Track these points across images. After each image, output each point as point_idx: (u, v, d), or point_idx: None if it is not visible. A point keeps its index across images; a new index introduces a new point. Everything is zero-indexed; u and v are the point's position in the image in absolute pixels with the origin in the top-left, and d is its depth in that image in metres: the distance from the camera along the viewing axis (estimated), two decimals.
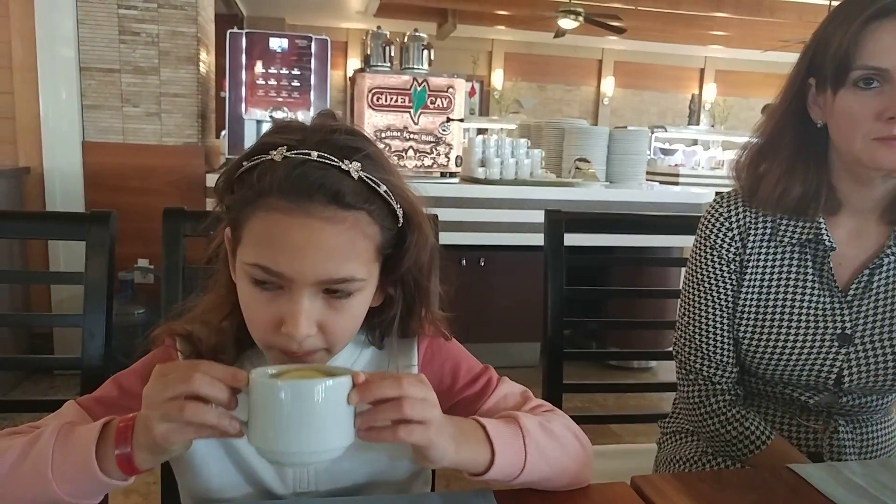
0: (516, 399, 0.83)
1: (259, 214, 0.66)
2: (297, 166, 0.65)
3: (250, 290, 0.68)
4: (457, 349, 0.85)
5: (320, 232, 0.65)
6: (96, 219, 1.12)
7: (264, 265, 0.66)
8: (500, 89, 9.70)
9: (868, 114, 0.90)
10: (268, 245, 0.66)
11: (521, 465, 0.70)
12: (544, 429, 0.74)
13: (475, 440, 0.68)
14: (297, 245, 0.65)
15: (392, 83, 3.17)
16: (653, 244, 3.18)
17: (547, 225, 1.36)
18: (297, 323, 0.65)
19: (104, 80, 2.98)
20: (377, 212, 0.69)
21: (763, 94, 9.94)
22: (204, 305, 0.77)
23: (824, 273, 1.02)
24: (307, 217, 0.65)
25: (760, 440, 1.03)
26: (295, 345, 0.67)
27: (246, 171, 0.68)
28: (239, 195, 0.68)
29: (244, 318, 0.72)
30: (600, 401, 2.99)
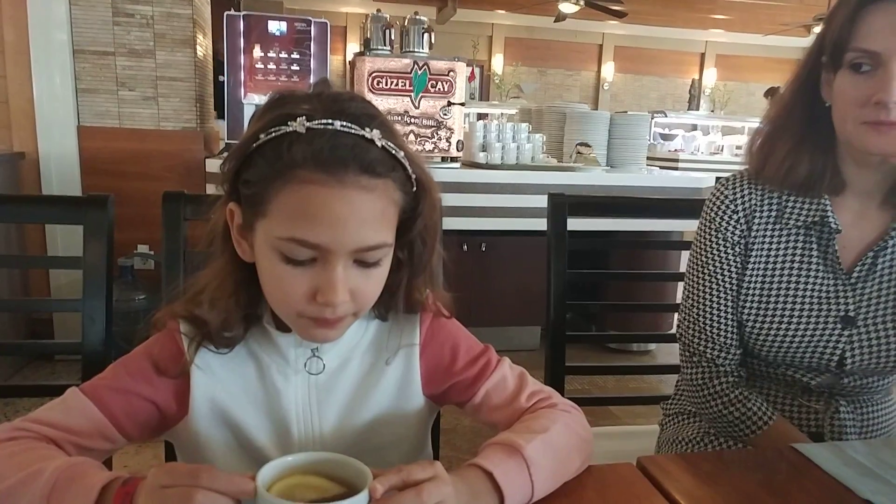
0: (514, 382, 0.83)
1: (291, 188, 0.65)
2: (325, 137, 0.65)
3: (279, 264, 0.67)
4: (457, 329, 0.85)
5: (357, 202, 0.65)
6: (94, 202, 1.11)
7: (301, 238, 0.65)
8: (501, 74, 9.65)
9: (859, 97, 0.90)
10: (304, 218, 0.65)
11: (528, 495, 0.69)
12: (547, 446, 0.72)
13: (486, 494, 0.67)
14: (337, 216, 0.65)
15: (392, 67, 3.14)
16: (653, 229, 3.18)
17: (550, 208, 1.36)
18: (336, 292, 0.66)
19: (98, 64, 2.94)
20: (399, 178, 0.69)
21: (763, 79, 9.91)
22: (205, 285, 0.75)
23: (829, 255, 1.01)
24: (344, 188, 0.65)
25: (763, 421, 1.03)
26: (330, 312, 0.67)
27: (266, 144, 0.66)
28: (263, 168, 0.66)
29: (265, 293, 0.71)
30: (600, 383, 3.00)
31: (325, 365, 0.77)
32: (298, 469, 0.59)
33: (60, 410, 0.71)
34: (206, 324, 0.73)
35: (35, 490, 0.59)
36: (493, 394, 0.82)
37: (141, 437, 0.76)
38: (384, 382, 0.79)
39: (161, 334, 0.76)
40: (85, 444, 0.70)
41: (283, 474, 0.58)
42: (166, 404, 0.75)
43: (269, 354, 0.77)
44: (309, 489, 0.58)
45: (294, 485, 0.58)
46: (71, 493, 0.58)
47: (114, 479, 0.60)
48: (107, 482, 0.59)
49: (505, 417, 0.80)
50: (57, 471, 0.60)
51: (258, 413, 0.76)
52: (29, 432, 0.68)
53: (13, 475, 0.60)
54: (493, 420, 0.82)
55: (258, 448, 0.76)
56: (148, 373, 0.74)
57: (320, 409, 0.77)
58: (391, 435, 0.80)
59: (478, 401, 0.82)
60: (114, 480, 0.59)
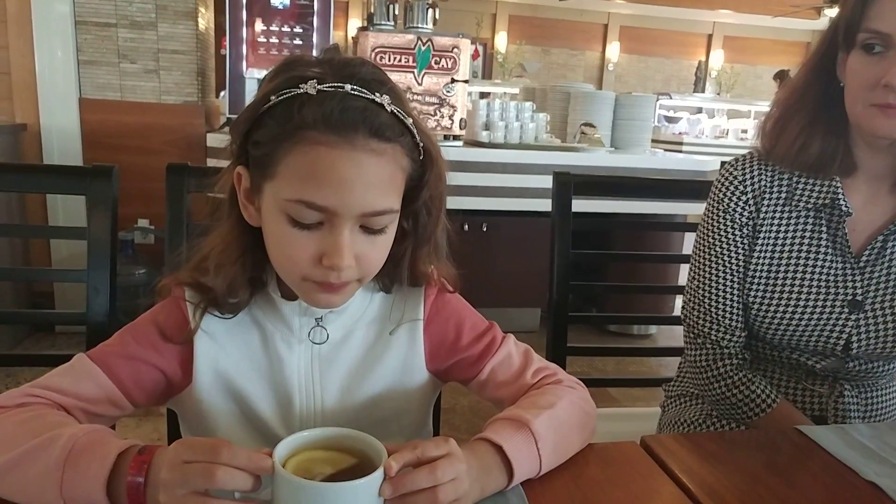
0: (520, 359, 0.83)
1: (300, 149, 0.65)
2: (335, 99, 0.64)
3: (286, 227, 0.67)
4: (462, 305, 0.85)
5: (366, 165, 0.65)
6: (98, 173, 1.10)
7: (308, 200, 0.65)
8: (504, 52, 9.56)
9: (869, 79, 0.90)
10: (312, 179, 0.65)
11: (536, 469, 0.70)
12: (553, 421, 0.73)
13: (496, 469, 0.67)
14: (344, 178, 0.65)
15: (396, 42, 3.10)
16: (656, 211, 3.17)
17: (555, 187, 1.35)
18: (342, 255, 0.66)
19: (100, 35, 2.91)
20: (407, 144, 0.69)
21: (771, 62, 9.82)
22: (210, 250, 0.75)
23: (838, 238, 1.01)
24: (353, 150, 0.65)
25: (766, 403, 1.03)
26: (335, 276, 0.67)
27: (277, 106, 0.66)
28: (273, 129, 0.66)
29: (271, 257, 0.71)
30: (599, 366, 3.01)
31: (328, 335, 0.77)
32: (314, 444, 0.60)
33: (69, 376, 0.71)
34: (211, 290, 0.73)
35: (51, 456, 0.59)
36: (499, 370, 0.82)
37: (147, 403, 0.76)
38: (387, 356, 0.79)
39: (166, 301, 0.76)
40: (93, 410, 0.71)
41: (298, 449, 0.59)
42: (172, 371, 0.75)
43: (274, 323, 0.77)
44: (324, 463, 0.58)
45: (310, 459, 0.58)
46: (86, 459, 0.58)
47: (129, 446, 0.60)
48: (123, 449, 0.59)
49: (510, 394, 0.80)
50: (73, 438, 0.60)
51: (261, 381, 0.77)
52: (39, 398, 0.68)
53: (27, 441, 0.60)
54: (499, 396, 0.82)
55: (260, 417, 0.77)
56: (154, 339, 0.74)
57: (322, 379, 0.78)
58: (393, 409, 0.80)
59: (483, 377, 0.82)
60: (129, 448, 0.60)
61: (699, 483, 0.71)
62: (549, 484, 0.70)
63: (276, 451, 0.56)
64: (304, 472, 0.56)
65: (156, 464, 0.57)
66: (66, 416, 0.67)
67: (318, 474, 0.56)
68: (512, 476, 0.67)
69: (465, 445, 0.68)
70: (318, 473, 0.57)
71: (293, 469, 0.56)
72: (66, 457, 0.58)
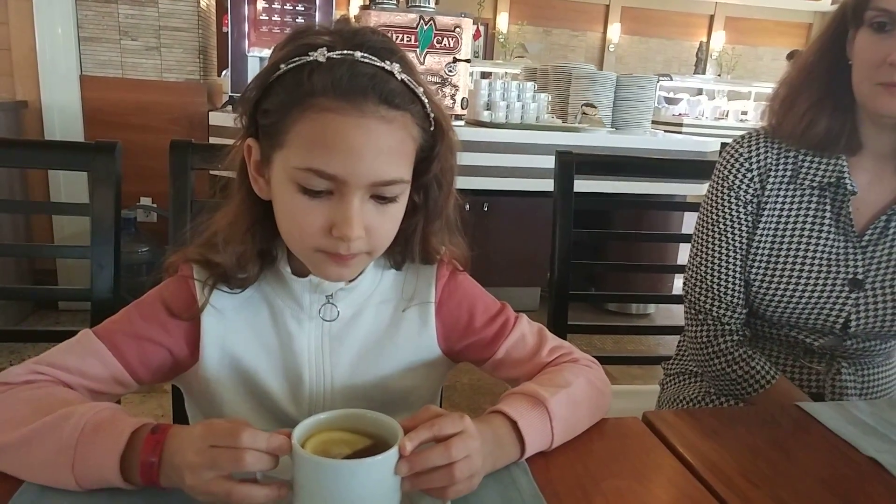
0: (534, 339, 0.83)
1: (309, 116, 0.64)
2: (344, 66, 0.64)
3: (296, 196, 0.66)
4: (473, 287, 0.85)
5: (375, 132, 0.65)
6: (101, 149, 1.10)
7: (317, 168, 0.64)
8: (505, 33, 9.48)
9: (875, 57, 0.90)
10: (321, 147, 0.64)
11: (547, 445, 0.71)
12: (569, 400, 0.73)
13: (509, 443, 0.68)
14: (353, 146, 0.64)
15: (398, 21, 3.08)
16: (656, 192, 3.17)
17: (557, 166, 1.35)
18: (351, 225, 0.65)
19: (101, 11, 2.88)
20: (418, 113, 0.69)
21: (773, 44, 9.76)
22: (218, 227, 0.74)
23: (842, 217, 1.01)
24: (362, 117, 0.64)
25: (765, 380, 1.04)
26: (344, 248, 0.67)
27: (286, 74, 0.66)
28: (282, 97, 0.66)
29: (281, 229, 0.71)
30: (598, 344, 3.03)
31: (339, 312, 0.77)
32: (332, 425, 0.60)
33: (75, 353, 0.71)
34: (220, 265, 0.72)
35: (63, 435, 0.58)
36: (514, 351, 0.82)
37: (153, 381, 0.76)
38: (399, 337, 0.79)
39: (173, 279, 0.76)
40: (98, 388, 0.71)
41: (316, 430, 0.59)
42: (179, 349, 0.75)
43: (283, 299, 0.76)
44: (342, 444, 0.59)
45: (328, 440, 0.59)
46: (101, 438, 0.58)
47: (142, 425, 0.60)
48: (136, 428, 0.59)
49: (526, 372, 0.81)
50: (84, 416, 0.60)
51: (270, 359, 0.76)
52: (45, 376, 0.68)
53: (37, 419, 0.60)
54: (514, 375, 0.82)
55: (269, 394, 0.77)
56: (161, 317, 0.74)
57: (333, 356, 0.77)
58: (403, 388, 0.80)
59: (499, 357, 0.82)
60: (142, 427, 0.59)
61: (700, 457, 0.73)
62: (553, 459, 0.71)
63: (295, 431, 0.57)
64: (322, 453, 0.57)
65: (171, 445, 0.57)
66: (74, 393, 0.67)
67: (336, 454, 0.57)
68: (524, 451, 0.68)
69: (480, 418, 0.69)
70: (337, 454, 0.57)
71: (311, 449, 0.57)
72: (79, 435, 0.58)
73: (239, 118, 0.73)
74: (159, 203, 3.00)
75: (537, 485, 0.65)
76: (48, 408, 0.61)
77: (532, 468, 0.68)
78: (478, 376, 2.70)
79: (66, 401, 0.64)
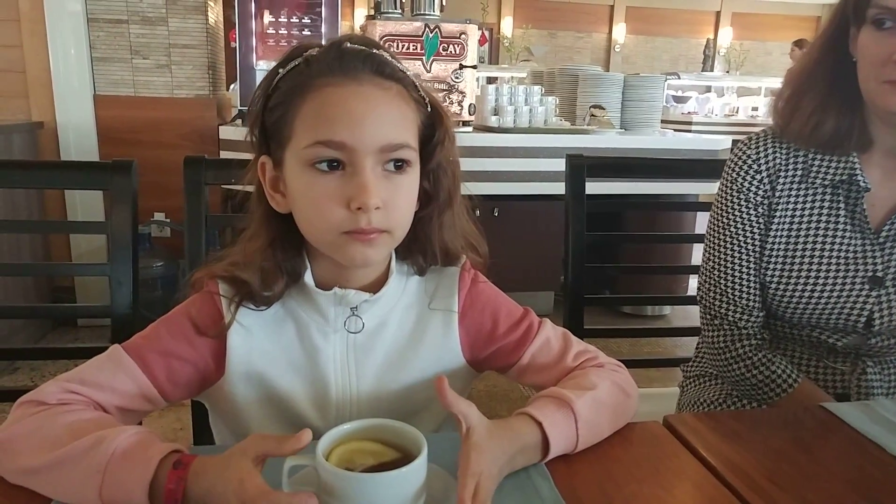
0: (559, 343, 0.83)
1: (311, 96, 0.68)
2: (336, 50, 0.69)
3: (311, 179, 0.69)
4: (496, 293, 0.86)
5: (374, 99, 0.69)
6: (118, 168, 1.12)
7: (325, 139, 0.67)
8: (510, 37, 9.49)
9: (880, 54, 0.89)
10: (325, 119, 0.68)
11: (572, 447, 0.71)
12: (595, 403, 0.74)
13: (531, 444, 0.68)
14: (355, 112, 0.68)
15: (404, 30, 3.09)
16: (667, 192, 3.15)
17: (568, 170, 1.35)
18: (368, 191, 0.67)
19: (112, 32, 2.93)
20: (411, 86, 0.73)
21: (782, 38, 9.68)
22: (242, 245, 0.76)
23: (857, 215, 1.00)
24: (359, 85, 0.68)
25: (787, 383, 1.03)
26: (364, 220, 0.68)
27: (285, 75, 0.71)
28: (283, 91, 0.70)
29: (304, 229, 0.73)
30: (614, 347, 3.01)
31: (364, 324, 0.77)
32: (356, 435, 0.61)
33: (105, 370, 0.72)
34: (246, 283, 0.73)
35: (93, 460, 0.59)
36: (539, 356, 0.82)
37: (180, 398, 0.77)
38: (423, 347, 0.80)
39: (200, 295, 0.77)
40: (128, 405, 0.72)
41: (341, 440, 0.60)
42: (205, 364, 0.76)
43: (308, 313, 0.77)
44: (367, 454, 0.59)
45: (354, 450, 0.60)
46: (128, 464, 0.59)
47: (169, 452, 0.60)
48: (164, 455, 0.59)
49: (552, 378, 0.81)
50: (115, 441, 0.60)
51: (296, 373, 0.77)
52: (78, 395, 0.69)
53: (70, 442, 0.61)
54: (540, 381, 0.82)
55: (295, 408, 0.77)
56: (188, 333, 0.75)
57: (358, 368, 0.78)
58: (427, 399, 0.80)
59: (524, 364, 0.82)
60: (169, 455, 0.60)
61: (724, 461, 0.72)
62: (575, 464, 0.70)
63: (320, 443, 0.58)
64: (348, 462, 0.57)
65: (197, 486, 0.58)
66: (107, 417, 0.68)
67: (361, 465, 0.58)
68: (548, 451, 0.69)
69: (507, 419, 0.69)
70: (361, 464, 0.58)
71: (337, 459, 0.57)
72: (108, 461, 0.59)
73: (250, 134, 0.75)
74: (172, 217, 3.03)
75: (559, 491, 0.65)
76: (81, 431, 0.62)
77: (554, 474, 0.68)
78: (493, 382, 2.69)
79: (99, 424, 0.64)
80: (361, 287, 0.77)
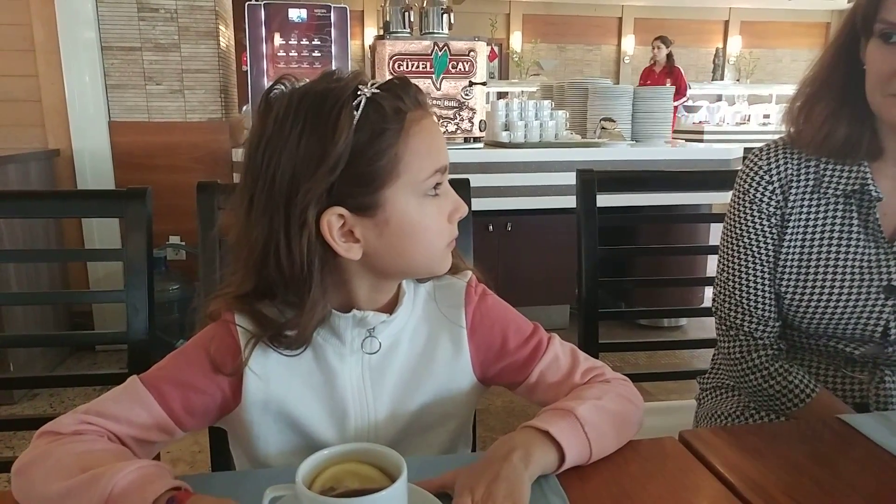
0: (567, 360, 0.83)
1: (414, 130, 0.71)
2: (403, 83, 0.73)
3: (428, 206, 0.73)
4: (505, 309, 0.86)
5: (437, 124, 0.77)
6: (133, 195, 1.13)
7: (440, 166, 0.73)
8: (520, 52, 9.54)
9: (886, 68, 0.89)
10: (435, 148, 0.73)
11: (587, 454, 0.72)
12: (599, 409, 0.74)
13: (540, 449, 0.69)
14: (441, 138, 0.76)
15: (413, 49, 3.12)
16: (680, 202, 3.14)
17: (579, 185, 1.35)
18: (463, 202, 0.76)
19: (126, 59, 2.99)
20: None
21: (791, 45, 9.67)
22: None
23: (870, 224, 0.99)
24: (432, 115, 0.75)
25: (805, 394, 1.02)
26: (456, 230, 0.77)
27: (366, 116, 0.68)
28: (378, 131, 0.69)
29: (408, 255, 0.74)
30: (632, 360, 3.00)
31: (380, 344, 0.78)
32: (342, 458, 0.61)
33: (122, 402, 0.72)
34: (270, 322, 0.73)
35: (92, 497, 0.60)
36: (548, 373, 0.82)
37: (197, 427, 0.77)
38: (433, 364, 0.80)
39: (216, 325, 0.76)
40: (144, 436, 0.72)
41: (327, 464, 0.60)
42: (222, 394, 0.76)
43: (325, 336, 0.77)
44: (355, 477, 0.59)
45: (342, 472, 0.60)
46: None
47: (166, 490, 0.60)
48: (158, 496, 0.60)
49: (560, 396, 0.80)
50: (113, 479, 0.60)
51: (314, 397, 0.77)
52: (93, 426, 0.69)
53: (75, 475, 0.62)
54: (548, 399, 0.82)
55: (314, 433, 0.77)
56: (205, 365, 0.74)
57: (374, 389, 0.78)
58: (440, 415, 0.81)
59: (532, 381, 0.83)
60: (164, 494, 0.60)
61: (741, 477, 0.71)
62: (589, 481, 0.70)
63: (299, 469, 0.57)
64: (336, 483, 0.58)
65: None
66: (115, 448, 0.68)
67: (344, 488, 0.58)
68: (563, 457, 0.69)
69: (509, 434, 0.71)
70: (345, 487, 0.58)
71: (322, 482, 0.58)
72: (105, 501, 0.59)
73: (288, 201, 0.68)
74: (188, 240, 3.06)
75: None
76: (90, 461, 0.63)
77: (568, 491, 0.67)
78: (511, 398, 2.68)
79: (105, 456, 0.65)
80: (378, 308, 0.78)
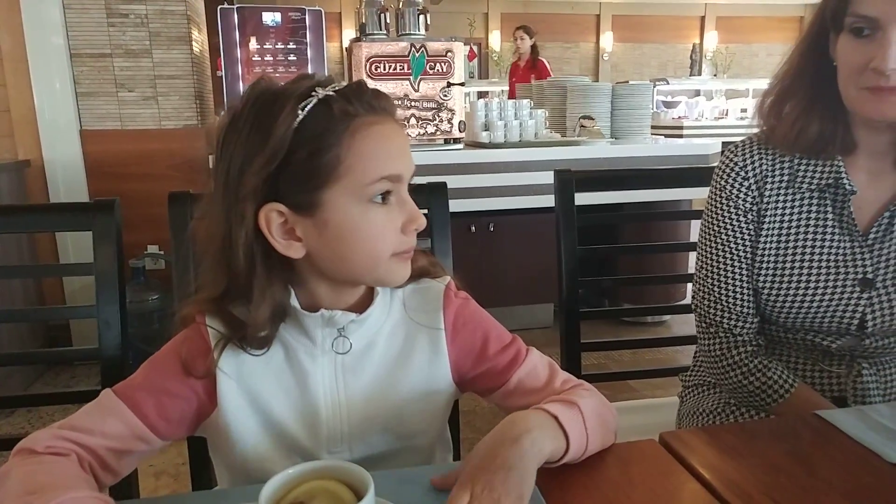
0: (546, 371, 0.84)
1: (361, 134, 0.70)
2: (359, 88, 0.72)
3: (371, 212, 0.71)
4: (485, 316, 0.86)
5: (402, 131, 0.76)
6: (101, 208, 1.11)
7: (388, 174, 0.71)
8: (499, 51, 9.56)
9: (858, 62, 0.89)
10: (385, 155, 0.71)
11: (583, 448, 0.72)
12: (593, 409, 0.75)
13: (551, 430, 0.70)
14: (402, 146, 0.74)
15: (390, 51, 3.11)
16: (660, 199, 3.15)
17: (557, 185, 1.35)
18: (420, 214, 0.74)
19: (96, 66, 2.93)
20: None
21: (766, 39, 9.78)
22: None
23: (844, 217, 1.00)
24: (394, 121, 0.75)
25: (784, 389, 1.02)
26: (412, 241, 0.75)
27: (311, 116, 0.69)
28: (320, 132, 0.69)
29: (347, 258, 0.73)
30: (616, 357, 3.00)
31: (351, 345, 0.77)
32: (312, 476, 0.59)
33: (95, 415, 0.72)
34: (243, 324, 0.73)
35: None
36: (527, 380, 0.83)
37: (175, 434, 0.77)
38: (410, 366, 0.80)
39: (189, 330, 0.77)
40: (120, 447, 0.72)
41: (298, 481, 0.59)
42: (197, 398, 0.76)
43: (296, 336, 0.77)
44: (326, 495, 0.58)
45: (312, 489, 0.58)
46: None
47: None
48: None
49: (539, 400, 0.80)
50: None
51: (286, 397, 0.77)
52: (66, 440, 0.69)
53: (22, 497, 0.60)
54: (526, 404, 0.81)
55: (287, 432, 0.77)
56: (177, 369, 0.75)
57: (347, 390, 0.78)
58: (417, 418, 0.81)
59: (511, 387, 0.83)
60: None
61: (720, 477, 0.71)
62: (569, 486, 0.69)
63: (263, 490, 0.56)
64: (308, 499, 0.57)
65: None
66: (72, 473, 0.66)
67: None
68: (568, 445, 0.70)
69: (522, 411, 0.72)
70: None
71: (292, 499, 0.57)
72: None
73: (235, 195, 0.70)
74: (167, 249, 3.02)
75: None
76: (32, 487, 0.61)
77: (547, 497, 0.66)
78: None
79: (52, 484, 0.62)
80: (347, 308, 0.77)
